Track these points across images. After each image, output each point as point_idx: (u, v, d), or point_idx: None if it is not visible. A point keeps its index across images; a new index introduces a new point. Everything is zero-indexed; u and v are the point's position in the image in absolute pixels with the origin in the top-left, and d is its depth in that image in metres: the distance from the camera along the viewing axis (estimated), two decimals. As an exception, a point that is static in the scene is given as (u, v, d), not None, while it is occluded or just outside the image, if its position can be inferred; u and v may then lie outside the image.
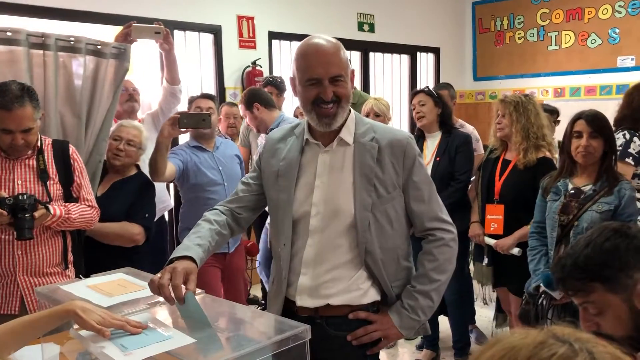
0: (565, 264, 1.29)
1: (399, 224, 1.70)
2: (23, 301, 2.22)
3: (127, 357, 1.27)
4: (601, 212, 2.34)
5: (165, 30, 2.94)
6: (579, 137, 2.42)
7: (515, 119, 2.88)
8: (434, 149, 3.28)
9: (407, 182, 1.69)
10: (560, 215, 2.44)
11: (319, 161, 1.69)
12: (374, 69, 6.15)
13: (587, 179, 2.45)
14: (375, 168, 1.64)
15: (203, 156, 3.03)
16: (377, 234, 1.65)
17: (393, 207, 1.68)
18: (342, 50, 1.63)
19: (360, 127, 1.70)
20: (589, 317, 1.26)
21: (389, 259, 1.69)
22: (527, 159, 2.84)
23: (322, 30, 5.38)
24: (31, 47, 2.48)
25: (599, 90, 6.06)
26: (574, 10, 6.18)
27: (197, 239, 1.64)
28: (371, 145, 1.66)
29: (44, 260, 2.25)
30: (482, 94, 7.01)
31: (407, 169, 1.68)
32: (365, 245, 1.64)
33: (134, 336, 1.37)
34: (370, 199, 1.63)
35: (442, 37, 6.79)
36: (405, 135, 1.72)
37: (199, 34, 4.74)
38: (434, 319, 3.48)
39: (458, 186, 3.20)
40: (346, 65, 1.63)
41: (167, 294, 1.43)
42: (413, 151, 1.69)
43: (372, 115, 3.51)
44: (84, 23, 4.00)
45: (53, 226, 2.23)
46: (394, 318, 1.68)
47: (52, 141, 2.35)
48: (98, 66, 2.66)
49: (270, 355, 1.34)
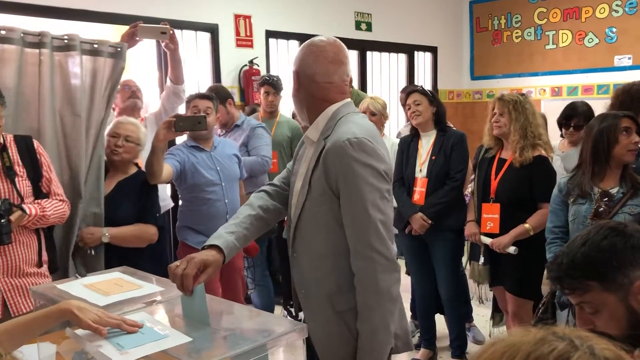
0: (561, 262, 1.28)
1: (335, 232, 1.57)
2: (5, 304, 2.17)
3: (124, 356, 1.27)
4: (634, 214, 2.30)
5: (171, 30, 2.95)
6: (628, 134, 2.34)
7: (514, 117, 2.87)
8: (429, 148, 3.28)
9: (339, 191, 1.55)
10: (593, 220, 2.35)
11: (302, 155, 1.77)
12: (372, 68, 6.15)
13: (612, 182, 2.39)
14: (315, 167, 1.60)
15: (201, 156, 3.02)
16: (309, 235, 1.62)
17: (325, 211, 1.58)
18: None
19: (329, 124, 1.64)
20: (585, 316, 1.26)
21: (321, 268, 1.61)
22: (524, 158, 2.83)
23: (320, 29, 5.38)
24: (27, 46, 2.48)
25: (596, 89, 6.07)
26: (571, 10, 6.19)
27: (232, 226, 1.63)
28: (322, 143, 1.61)
29: (23, 260, 2.22)
30: (479, 93, 7.01)
31: (340, 175, 1.54)
32: (296, 244, 1.66)
33: (130, 335, 1.37)
34: (303, 197, 1.63)
35: (440, 36, 6.79)
36: (346, 136, 1.54)
37: (196, 32, 4.73)
38: (430, 318, 3.49)
39: (454, 185, 3.21)
40: None
41: (179, 284, 1.43)
42: (348, 156, 1.52)
43: (369, 115, 3.51)
44: (82, 22, 4.00)
45: (28, 225, 2.20)
46: None
47: (13, 137, 2.28)
48: (96, 65, 2.65)
49: (267, 353, 1.34)
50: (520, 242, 2.84)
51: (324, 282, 1.61)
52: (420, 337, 3.55)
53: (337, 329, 1.61)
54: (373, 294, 1.53)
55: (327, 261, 1.60)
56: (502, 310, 3.19)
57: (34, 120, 2.53)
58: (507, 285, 2.95)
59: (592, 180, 2.41)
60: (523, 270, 2.80)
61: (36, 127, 2.53)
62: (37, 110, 2.52)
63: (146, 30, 2.88)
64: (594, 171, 2.40)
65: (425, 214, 3.18)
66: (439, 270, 3.31)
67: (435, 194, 3.20)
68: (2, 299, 2.17)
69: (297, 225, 1.63)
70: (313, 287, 1.63)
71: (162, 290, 1.73)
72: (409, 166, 3.31)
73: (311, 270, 1.64)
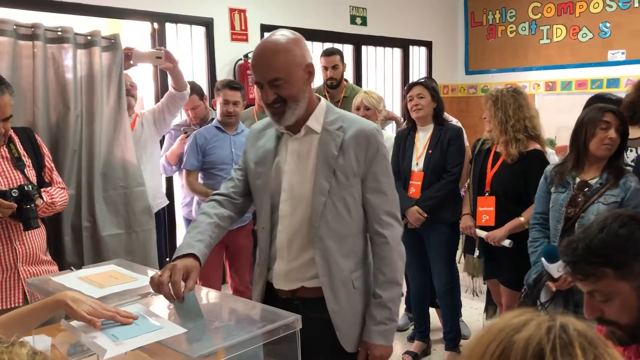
0: (577, 247, 1.25)
1: (356, 212, 1.73)
2: (25, 294, 2.20)
3: (118, 347, 1.28)
4: (608, 203, 2.34)
5: (165, 52, 2.98)
6: (606, 129, 2.37)
7: (493, 113, 2.91)
8: (426, 142, 3.28)
9: (367, 172, 1.71)
10: (568, 208, 2.43)
11: (288, 149, 1.75)
12: (367, 62, 6.15)
13: (594, 172, 2.43)
14: (338, 155, 1.68)
15: (221, 136, 3.35)
16: (333, 219, 1.69)
17: (351, 194, 1.71)
18: (289, 50, 1.61)
19: (330, 116, 1.74)
20: (594, 303, 1.24)
21: (345, 248, 1.72)
22: (509, 153, 2.86)
23: (315, 23, 5.39)
24: (20, 38, 2.47)
25: (590, 83, 6.09)
26: (565, 4, 6.20)
27: (198, 234, 1.66)
28: (337, 133, 1.70)
29: (39, 248, 2.26)
30: (474, 87, 7.03)
31: (369, 158, 1.70)
32: (318, 230, 1.69)
33: (125, 326, 1.37)
34: (327, 184, 1.68)
35: (434, 30, 6.79)
36: (372, 126, 1.75)
37: (191, 26, 4.71)
38: (424, 311, 3.51)
39: (450, 178, 3.22)
40: (289, 66, 1.61)
41: (167, 292, 1.45)
42: (377, 142, 1.71)
43: (363, 109, 3.51)
44: (75, 15, 3.96)
45: (40, 213, 2.22)
46: (380, 341, 1.72)
47: (13, 129, 2.28)
48: (91, 58, 2.64)
49: (261, 344, 1.35)
50: (515, 235, 2.87)
51: (346, 262, 1.73)
52: (415, 330, 3.57)
53: (359, 306, 1.76)
54: (397, 253, 1.74)
55: (349, 241, 1.73)
56: (495, 303, 3.21)
57: (29, 113, 2.53)
58: (501, 278, 2.98)
59: (573, 170, 2.46)
60: (517, 263, 2.81)
61: (31, 120, 2.52)
62: (32, 103, 2.52)
63: (140, 55, 2.94)
64: (575, 161, 2.45)
65: (421, 208, 3.19)
66: (434, 263, 3.33)
67: (431, 187, 3.21)
68: (22, 288, 2.19)
69: (323, 213, 1.68)
70: (336, 268, 1.71)
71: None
72: (406, 159, 3.32)
73: (336, 252, 1.71)
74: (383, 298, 1.72)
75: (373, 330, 1.72)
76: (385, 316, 1.72)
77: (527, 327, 0.70)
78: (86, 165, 2.70)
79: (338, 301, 1.72)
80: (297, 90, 1.64)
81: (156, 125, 3.33)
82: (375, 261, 1.76)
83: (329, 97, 4.19)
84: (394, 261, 1.74)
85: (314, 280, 1.72)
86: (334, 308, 1.71)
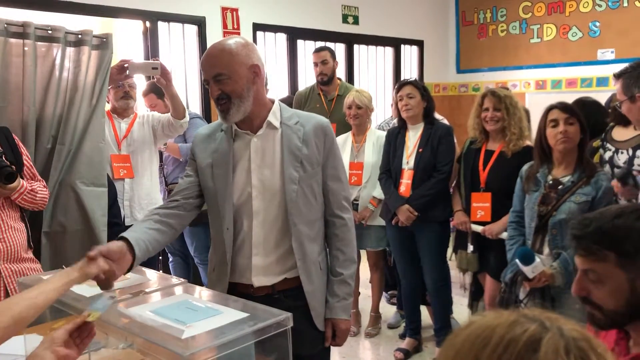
0: (588, 224, 1.26)
1: (320, 198, 1.86)
2: (7, 291, 2.19)
3: (189, 329, 1.33)
4: (579, 203, 2.39)
5: (161, 65, 2.95)
6: (555, 126, 2.47)
7: (512, 112, 2.99)
8: (416, 140, 3.30)
9: (326, 161, 1.86)
10: (540, 206, 2.49)
11: (252, 147, 1.81)
12: (359, 61, 6.16)
13: (566, 170, 2.50)
14: (302, 146, 1.81)
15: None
16: (304, 205, 1.80)
17: (316, 181, 1.84)
18: (233, 50, 1.72)
19: (285, 113, 1.86)
20: (585, 281, 1.26)
21: (313, 232, 1.84)
22: (517, 146, 2.96)
23: (307, 22, 5.39)
24: (11, 36, 2.46)
25: (580, 82, 6.14)
26: (555, 4, 6.24)
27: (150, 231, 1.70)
28: (297, 127, 1.83)
29: (20, 244, 2.25)
30: (465, 86, 7.06)
31: (327, 149, 1.85)
32: (293, 217, 1.78)
33: (187, 312, 1.43)
34: (297, 173, 1.79)
35: (426, 29, 6.81)
36: (326, 120, 1.91)
37: (183, 25, 4.70)
38: (416, 308, 3.54)
39: (440, 177, 3.24)
40: (232, 64, 1.71)
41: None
42: (332, 134, 1.88)
43: (354, 107, 3.53)
44: (66, 14, 3.95)
45: (19, 200, 2.23)
46: (344, 315, 1.86)
47: None
48: (80, 56, 2.64)
49: (252, 342, 1.36)
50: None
51: (314, 246, 1.85)
52: (406, 327, 3.60)
53: (324, 286, 1.88)
54: (352, 234, 1.91)
55: (316, 226, 1.86)
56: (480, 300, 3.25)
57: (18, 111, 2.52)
58: (490, 272, 3.01)
59: (545, 167, 2.53)
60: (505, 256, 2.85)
61: (19, 119, 2.52)
62: (21, 102, 2.51)
63: (136, 67, 2.94)
64: (544, 160, 2.54)
65: (412, 206, 3.21)
66: (425, 260, 3.35)
67: (422, 186, 3.23)
68: (3, 285, 2.19)
69: (295, 200, 1.78)
70: (309, 251, 1.82)
71: (150, 281, 1.76)
72: (396, 158, 3.34)
73: (306, 236, 1.81)
74: (344, 275, 1.86)
75: (337, 306, 1.85)
76: (346, 292, 1.87)
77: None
78: (57, 162, 2.66)
79: (312, 282, 1.83)
80: (240, 88, 1.72)
81: (151, 131, 3.31)
82: (335, 242, 1.89)
83: (323, 95, 4.20)
84: (351, 241, 1.90)
85: (294, 271, 1.81)
86: (309, 289, 1.82)
